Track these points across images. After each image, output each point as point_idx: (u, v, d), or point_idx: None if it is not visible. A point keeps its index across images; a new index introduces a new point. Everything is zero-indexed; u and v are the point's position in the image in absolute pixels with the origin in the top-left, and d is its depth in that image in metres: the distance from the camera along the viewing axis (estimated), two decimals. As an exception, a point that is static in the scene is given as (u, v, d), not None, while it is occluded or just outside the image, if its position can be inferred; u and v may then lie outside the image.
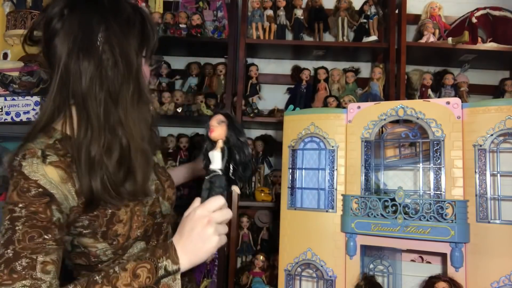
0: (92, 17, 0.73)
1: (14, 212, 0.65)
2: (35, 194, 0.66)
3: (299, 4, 2.02)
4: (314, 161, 1.13)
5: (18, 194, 0.66)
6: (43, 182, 0.67)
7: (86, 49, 0.71)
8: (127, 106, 0.75)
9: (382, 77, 1.92)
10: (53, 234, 0.66)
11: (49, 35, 0.74)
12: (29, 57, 1.76)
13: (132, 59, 0.76)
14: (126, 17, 0.76)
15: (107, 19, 0.74)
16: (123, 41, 0.74)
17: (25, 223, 0.64)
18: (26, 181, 0.67)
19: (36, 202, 0.66)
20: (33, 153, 0.69)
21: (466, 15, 1.99)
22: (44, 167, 0.68)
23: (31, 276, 0.61)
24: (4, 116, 1.57)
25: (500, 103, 0.94)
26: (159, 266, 0.67)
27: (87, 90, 0.72)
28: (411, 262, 1.06)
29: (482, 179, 0.92)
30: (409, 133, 1.01)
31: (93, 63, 0.71)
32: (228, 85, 1.92)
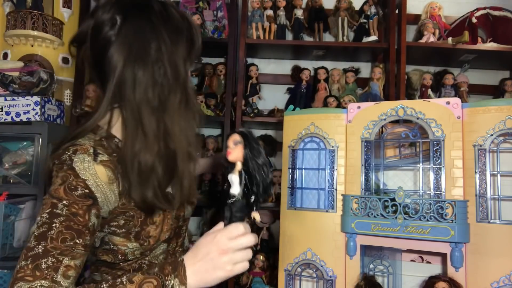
0: (145, 26, 0.73)
1: (56, 207, 0.66)
2: (81, 194, 0.67)
3: (299, 4, 2.02)
4: (314, 161, 1.13)
5: (65, 190, 0.67)
6: (91, 184, 0.69)
7: (141, 59, 0.72)
8: (175, 114, 0.75)
9: (382, 77, 1.92)
10: (84, 240, 0.67)
11: (102, 43, 0.73)
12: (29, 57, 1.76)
13: (180, 66, 0.76)
14: (175, 24, 0.76)
15: (158, 27, 0.74)
16: (172, 49, 0.75)
17: (63, 222, 0.65)
18: (75, 178, 0.68)
19: (79, 203, 0.67)
20: (85, 150, 0.70)
21: (466, 15, 1.99)
22: (95, 165, 0.69)
23: (51, 277, 0.61)
24: (4, 116, 1.57)
25: (500, 103, 0.94)
26: (166, 284, 0.65)
27: (141, 99, 0.72)
28: (411, 262, 1.06)
29: (482, 179, 0.92)
30: (409, 133, 1.01)
31: (148, 72, 0.72)
32: (228, 85, 1.92)
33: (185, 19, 0.80)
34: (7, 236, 1.46)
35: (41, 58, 1.78)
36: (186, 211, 0.93)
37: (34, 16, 1.73)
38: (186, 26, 0.79)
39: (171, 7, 0.78)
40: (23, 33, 1.73)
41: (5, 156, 1.62)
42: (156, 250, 0.85)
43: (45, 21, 1.76)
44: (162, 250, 0.87)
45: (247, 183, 0.72)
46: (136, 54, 0.72)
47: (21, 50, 1.77)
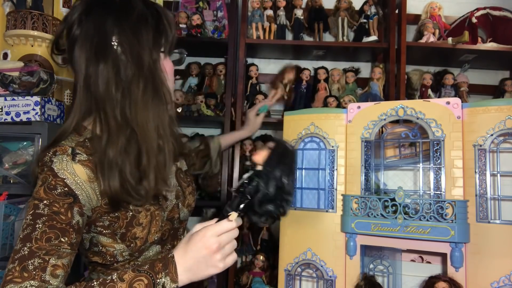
0: (105, 20, 0.74)
1: (38, 208, 0.67)
2: (61, 193, 0.68)
3: (299, 4, 2.02)
4: (314, 161, 1.13)
5: (45, 190, 0.68)
6: (70, 182, 0.69)
7: (101, 52, 0.73)
8: (140, 105, 0.74)
9: (382, 77, 1.92)
10: (70, 238, 0.67)
11: (70, 43, 0.76)
12: (29, 57, 1.76)
13: (144, 56, 0.75)
14: (137, 14, 0.76)
15: (119, 19, 0.74)
16: (133, 38, 0.74)
17: (46, 222, 0.66)
18: (54, 178, 0.69)
19: (60, 201, 0.68)
20: (63, 150, 0.71)
21: (466, 15, 1.99)
22: (73, 165, 0.70)
23: (40, 277, 0.62)
24: (4, 116, 1.57)
25: (500, 103, 0.94)
26: (157, 282, 0.65)
27: (104, 93, 0.73)
28: (411, 262, 1.06)
29: (482, 179, 0.92)
30: (409, 133, 1.01)
31: (109, 65, 0.72)
32: (228, 85, 1.92)
33: (151, 7, 0.79)
34: (7, 236, 1.45)
35: (41, 58, 1.78)
36: (181, 213, 0.91)
37: (34, 16, 1.73)
38: (151, 14, 0.78)
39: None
40: (23, 33, 1.72)
41: (5, 156, 1.62)
42: (148, 252, 0.84)
43: (45, 21, 1.75)
44: (155, 251, 0.85)
45: (252, 187, 0.70)
46: (96, 49, 0.73)
47: (21, 50, 1.77)
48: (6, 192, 1.49)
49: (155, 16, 0.78)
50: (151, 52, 0.76)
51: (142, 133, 0.74)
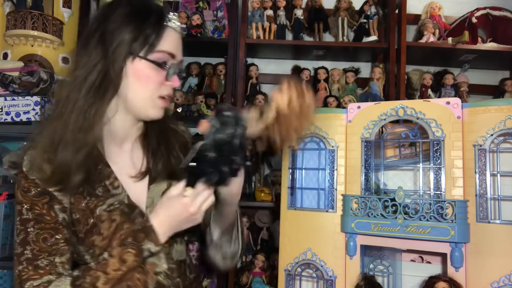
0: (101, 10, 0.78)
1: (22, 214, 0.69)
2: (35, 194, 0.69)
3: (299, 4, 2.02)
4: (314, 161, 1.13)
5: (22, 193, 0.70)
6: (39, 181, 0.70)
7: (84, 39, 0.75)
8: (73, 89, 0.72)
9: (382, 77, 1.92)
10: (63, 234, 0.70)
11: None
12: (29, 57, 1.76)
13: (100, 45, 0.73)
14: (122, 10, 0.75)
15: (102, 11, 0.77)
16: (102, 31, 0.73)
17: (35, 225, 0.68)
18: (26, 180, 0.70)
19: (38, 203, 0.69)
20: (34, 147, 0.72)
21: (466, 15, 1.99)
22: (41, 162, 0.70)
23: (55, 271, 0.67)
24: (4, 116, 1.57)
25: (500, 103, 0.94)
26: (143, 248, 0.69)
27: (71, 78, 0.74)
28: (411, 262, 1.06)
29: (482, 179, 0.92)
30: (409, 133, 1.01)
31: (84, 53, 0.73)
32: (228, 85, 1.92)
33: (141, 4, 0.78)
34: (7, 236, 1.45)
35: (41, 58, 1.78)
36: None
37: (34, 16, 1.73)
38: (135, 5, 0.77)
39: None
40: (23, 33, 1.72)
41: (5, 156, 1.62)
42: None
43: (45, 21, 1.75)
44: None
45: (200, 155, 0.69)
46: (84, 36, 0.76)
47: (21, 50, 1.77)
48: (6, 192, 1.49)
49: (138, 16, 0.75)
50: (113, 47, 0.73)
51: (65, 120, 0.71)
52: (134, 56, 0.73)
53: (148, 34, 0.74)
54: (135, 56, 0.73)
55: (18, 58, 1.74)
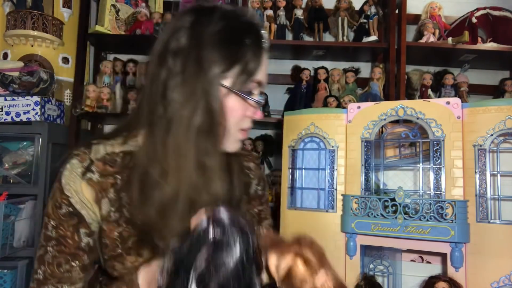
0: (181, 24, 0.63)
1: (47, 229, 0.65)
2: (65, 213, 0.65)
3: (299, 4, 2.02)
4: (314, 161, 1.13)
5: (53, 207, 0.66)
6: (74, 201, 0.65)
7: (160, 55, 0.64)
8: (180, 136, 0.61)
9: (382, 77, 1.92)
10: (81, 260, 0.65)
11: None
12: (29, 57, 1.76)
13: (200, 78, 0.61)
14: (218, 28, 0.62)
15: (193, 27, 0.63)
16: (198, 56, 0.61)
17: (55, 246, 0.65)
18: (60, 194, 0.65)
19: (64, 223, 0.65)
20: (82, 159, 0.66)
21: (466, 15, 1.98)
22: (81, 181, 0.65)
23: None
24: (4, 116, 1.57)
25: (500, 103, 0.94)
26: None
27: (151, 104, 0.64)
28: (411, 262, 1.06)
29: (482, 179, 0.92)
30: (409, 133, 1.01)
31: (164, 70, 0.62)
32: (228, 85, 1.92)
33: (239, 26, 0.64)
34: (7, 236, 1.45)
35: (41, 58, 1.78)
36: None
37: (34, 16, 1.73)
38: (234, 33, 0.63)
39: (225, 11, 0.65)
40: (23, 33, 1.72)
41: (5, 156, 1.62)
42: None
43: (45, 21, 1.75)
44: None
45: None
46: (158, 54, 0.66)
47: (21, 50, 1.77)
48: (6, 192, 1.49)
49: (236, 38, 0.63)
50: (210, 78, 0.61)
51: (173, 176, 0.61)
52: (228, 89, 0.62)
53: (247, 62, 0.62)
54: (229, 89, 0.62)
55: (18, 58, 1.74)
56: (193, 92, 0.61)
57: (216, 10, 0.65)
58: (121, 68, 1.95)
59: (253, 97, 0.65)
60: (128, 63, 1.95)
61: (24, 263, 1.53)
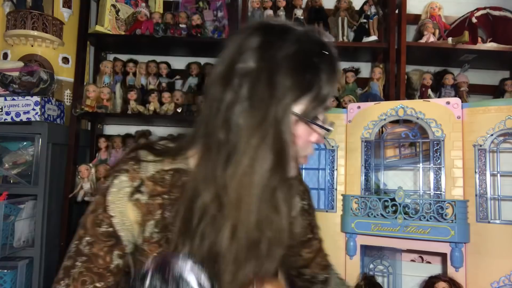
0: (248, 44, 0.59)
1: (81, 242, 0.63)
2: (104, 233, 0.63)
3: (299, 4, 2.02)
4: (314, 161, 1.13)
5: (92, 222, 0.63)
6: (116, 222, 0.63)
7: (225, 76, 0.59)
8: (245, 166, 0.56)
9: (382, 77, 1.92)
10: (106, 282, 0.63)
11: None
12: (29, 57, 1.76)
13: (269, 104, 0.56)
14: (290, 52, 0.58)
15: (263, 49, 0.58)
16: (269, 81, 0.57)
17: (84, 263, 0.62)
18: (103, 212, 0.63)
19: (101, 243, 0.63)
20: (132, 178, 0.63)
21: (466, 15, 1.98)
22: (127, 202, 0.63)
23: None
24: (4, 116, 1.57)
25: (500, 103, 0.94)
26: None
27: (211, 127, 0.60)
28: (411, 262, 1.06)
29: (482, 179, 0.93)
30: (409, 133, 1.01)
31: (228, 93, 0.58)
32: (228, 85, 1.92)
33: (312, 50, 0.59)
34: (7, 236, 1.45)
35: (41, 58, 1.78)
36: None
37: (34, 16, 1.73)
38: (308, 60, 0.59)
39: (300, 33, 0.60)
40: (23, 33, 1.72)
41: (5, 156, 1.62)
42: None
43: (45, 21, 1.75)
44: None
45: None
46: (223, 72, 0.61)
47: (21, 50, 1.77)
48: (6, 192, 1.49)
49: (308, 63, 0.58)
50: (286, 105, 0.57)
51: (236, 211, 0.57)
52: (298, 117, 0.59)
53: (320, 88, 0.58)
54: (299, 117, 0.59)
55: (18, 58, 1.74)
56: (263, 119, 0.56)
57: (287, 31, 0.60)
58: (121, 68, 1.95)
59: (319, 122, 0.62)
60: (128, 63, 1.95)
61: (24, 263, 1.53)
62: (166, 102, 1.84)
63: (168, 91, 1.88)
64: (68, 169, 1.72)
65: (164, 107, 1.83)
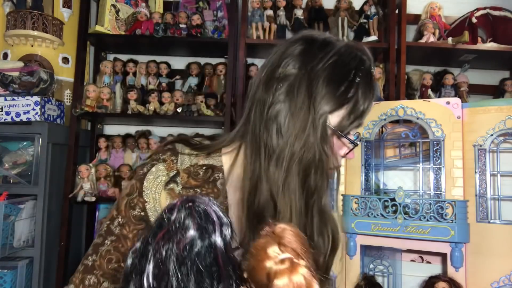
0: (290, 51, 0.61)
1: (112, 223, 0.65)
2: (136, 215, 0.65)
3: (299, 4, 2.02)
4: (314, 161, 1.13)
5: (125, 205, 0.65)
6: (149, 207, 0.65)
7: (267, 80, 0.61)
8: (289, 170, 0.58)
9: (382, 77, 1.92)
10: None
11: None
12: (29, 57, 1.76)
13: (307, 113, 0.58)
14: (330, 63, 0.59)
15: (303, 56, 0.60)
16: (307, 89, 0.58)
17: (113, 242, 0.65)
18: (138, 196, 0.65)
19: (132, 225, 0.65)
20: (169, 168, 0.66)
21: (466, 15, 1.98)
22: (162, 190, 0.65)
23: None
24: (4, 116, 1.57)
25: (500, 103, 0.94)
26: None
27: (254, 127, 0.62)
28: (411, 262, 1.06)
29: (482, 179, 0.93)
30: (409, 133, 1.01)
31: (269, 98, 0.60)
32: (228, 85, 1.92)
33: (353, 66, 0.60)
34: (7, 236, 1.45)
35: (41, 58, 1.78)
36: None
37: (34, 16, 1.73)
38: (349, 74, 0.59)
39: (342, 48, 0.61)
40: (23, 33, 1.72)
41: (5, 156, 1.62)
42: None
43: (45, 21, 1.75)
44: None
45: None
46: (267, 74, 0.63)
47: (21, 50, 1.77)
48: (6, 192, 1.49)
49: (349, 78, 0.59)
50: (320, 115, 0.58)
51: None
52: (332, 129, 0.60)
53: (357, 103, 0.60)
54: (333, 130, 0.60)
55: (18, 58, 1.74)
56: (302, 126, 0.58)
57: (329, 43, 0.62)
58: (121, 68, 1.95)
59: (350, 136, 0.63)
60: (128, 63, 1.95)
61: (24, 263, 1.53)
62: (166, 102, 1.84)
63: (168, 91, 1.88)
64: (68, 169, 1.72)
65: (164, 107, 1.83)
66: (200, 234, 0.40)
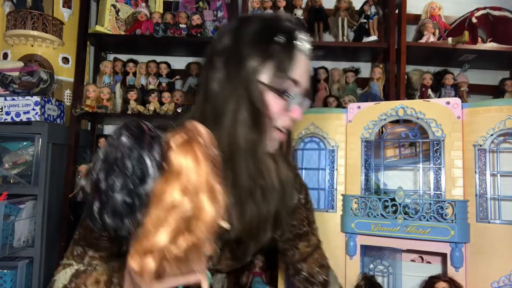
0: (226, 28, 0.72)
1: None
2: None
3: (299, 4, 2.02)
4: (314, 161, 1.13)
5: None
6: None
7: (207, 59, 0.71)
8: (229, 130, 0.65)
9: (382, 77, 1.92)
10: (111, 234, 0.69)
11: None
12: (29, 57, 1.76)
13: (239, 72, 0.66)
14: (255, 28, 0.68)
15: (235, 29, 0.69)
16: (237, 53, 0.66)
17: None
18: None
19: None
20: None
21: (466, 15, 1.98)
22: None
23: (80, 261, 0.69)
24: (4, 116, 1.57)
25: (500, 103, 0.94)
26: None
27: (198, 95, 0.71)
28: (411, 262, 1.06)
29: (482, 179, 0.92)
30: (409, 133, 1.01)
31: (210, 70, 0.69)
32: (228, 85, 1.92)
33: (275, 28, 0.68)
34: (7, 236, 1.45)
35: (41, 58, 1.78)
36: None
37: (34, 16, 1.73)
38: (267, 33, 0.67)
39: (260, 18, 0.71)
40: (23, 33, 1.72)
41: (5, 156, 1.62)
42: None
43: (45, 21, 1.75)
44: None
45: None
46: (209, 54, 0.72)
47: (21, 50, 1.77)
48: (6, 192, 1.49)
49: (270, 35, 0.67)
50: (253, 72, 0.66)
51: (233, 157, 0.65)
52: (264, 85, 0.66)
53: (280, 59, 0.66)
54: (265, 85, 0.66)
55: (18, 58, 1.74)
56: (235, 86, 0.65)
57: (257, 15, 0.72)
58: (121, 68, 1.95)
59: (293, 101, 0.68)
60: (128, 63, 1.95)
61: (24, 263, 1.53)
62: (166, 102, 1.84)
63: (168, 91, 1.88)
64: (68, 169, 1.72)
65: (164, 107, 1.83)
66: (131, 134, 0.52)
